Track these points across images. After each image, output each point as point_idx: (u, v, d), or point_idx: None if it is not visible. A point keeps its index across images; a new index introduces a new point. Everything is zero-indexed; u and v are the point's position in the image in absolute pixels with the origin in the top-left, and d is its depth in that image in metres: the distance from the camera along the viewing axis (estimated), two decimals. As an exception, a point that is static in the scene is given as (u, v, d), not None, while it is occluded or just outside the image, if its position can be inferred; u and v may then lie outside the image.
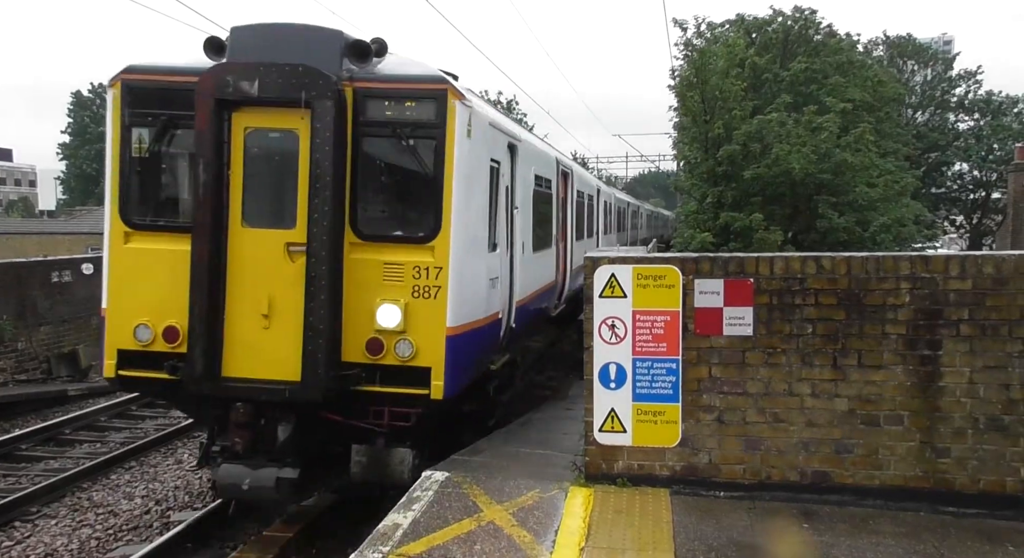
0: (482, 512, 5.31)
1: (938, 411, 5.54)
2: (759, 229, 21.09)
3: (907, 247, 23.06)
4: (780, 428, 5.70)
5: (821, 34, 29.02)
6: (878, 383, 5.59)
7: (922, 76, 41.06)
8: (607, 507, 5.47)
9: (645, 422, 5.86)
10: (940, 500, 5.52)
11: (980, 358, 5.49)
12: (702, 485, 5.78)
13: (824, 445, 5.66)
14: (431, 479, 5.94)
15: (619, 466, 5.90)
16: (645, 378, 5.86)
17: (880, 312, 5.58)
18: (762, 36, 29.53)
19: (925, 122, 39.71)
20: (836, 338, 5.63)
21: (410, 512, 5.28)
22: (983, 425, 5.50)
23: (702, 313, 5.77)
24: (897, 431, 5.59)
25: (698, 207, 23.95)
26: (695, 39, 26.06)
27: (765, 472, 5.73)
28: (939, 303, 5.52)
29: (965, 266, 5.52)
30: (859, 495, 5.60)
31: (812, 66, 26.52)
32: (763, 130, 22.07)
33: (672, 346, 5.82)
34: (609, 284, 5.87)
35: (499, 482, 5.90)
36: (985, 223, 39.73)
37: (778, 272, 5.70)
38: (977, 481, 5.52)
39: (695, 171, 24.83)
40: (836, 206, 22.18)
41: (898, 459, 5.59)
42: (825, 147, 21.74)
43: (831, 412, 5.64)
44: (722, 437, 5.77)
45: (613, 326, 5.88)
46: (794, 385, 5.68)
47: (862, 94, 26.15)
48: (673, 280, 5.81)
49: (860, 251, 9.86)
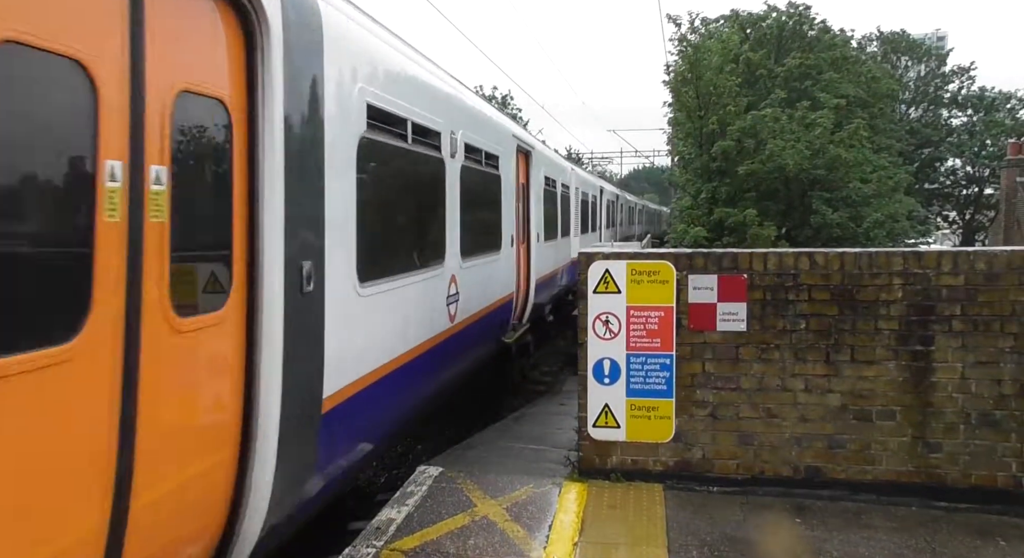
0: (476, 507, 5.32)
1: (930, 406, 5.57)
2: (753, 225, 21.14)
3: (900, 243, 23.17)
4: (773, 423, 5.72)
5: (815, 30, 29.07)
6: (871, 378, 5.61)
7: (916, 72, 41.18)
8: (601, 502, 5.48)
9: (639, 417, 5.87)
10: (932, 495, 5.54)
11: (972, 353, 5.52)
12: (696, 480, 5.79)
13: (817, 440, 5.68)
14: (425, 473, 5.94)
15: (613, 461, 5.91)
16: (639, 373, 5.87)
17: (873, 308, 5.59)
18: (756, 32, 29.56)
19: (919, 118, 39.85)
20: (829, 334, 5.64)
21: (404, 507, 5.28)
22: (975, 420, 5.53)
23: (696, 309, 5.78)
24: (889, 426, 5.61)
25: (692, 202, 24.01)
26: (690, 35, 26.05)
27: (758, 467, 5.75)
28: (931, 299, 5.55)
29: (957, 262, 5.54)
30: (852, 490, 5.62)
31: (806, 62, 26.58)
32: (757, 126, 22.11)
33: (666, 341, 5.83)
34: (603, 280, 5.87)
35: (493, 477, 5.90)
36: (978, 219, 39.94)
37: (771, 268, 5.71)
38: (969, 476, 5.55)
39: (689, 166, 24.89)
40: (830, 202, 22.27)
41: (890, 454, 5.61)
42: (819, 143, 21.82)
43: (824, 407, 5.66)
44: (715, 432, 5.78)
45: (607, 322, 5.88)
46: (787, 380, 5.70)
47: (856, 90, 26.23)
48: (667, 276, 5.81)
49: (854, 247, 9.85)
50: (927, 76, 40.60)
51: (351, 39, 4.92)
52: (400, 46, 6.16)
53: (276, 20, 3.79)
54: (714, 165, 22.87)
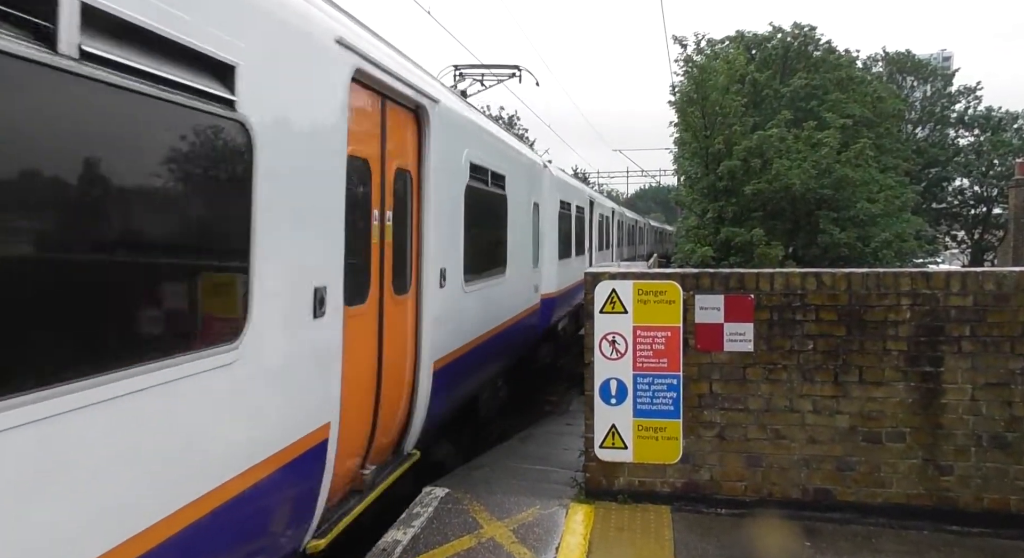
0: (482, 528, 5.28)
1: (940, 428, 5.52)
2: (760, 244, 21.12)
3: (908, 262, 23.07)
4: (781, 444, 5.67)
5: (820, 50, 29.18)
6: (879, 399, 5.58)
7: (922, 92, 41.23)
8: (608, 524, 5.43)
9: (646, 438, 5.83)
10: (944, 518, 5.48)
11: (982, 375, 5.47)
12: (703, 502, 5.74)
13: (826, 462, 5.63)
14: (431, 495, 5.91)
15: (620, 482, 5.87)
16: (646, 394, 5.84)
17: (881, 328, 5.57)
18: (761, 52, 29.70)
19: (925, 137, 39.83)
20: (837, 354, 5.61)
21: (410, 528, 5.25)
22: (986, 442, 5.47)
23: (703, 329, 5.77)
24: (899, 448, 5.56)
25: (699, 222, 24.01)
26: (695, 55, 26.18)
27: (767, 489, 5.69)
28: (940, 319, 5.52)
29: (966, 282, 5.52)
30: (862, 512, 5.56)
31: (812, 82, 26.67)
32: (763, 145, 22.15)
33: (673, 362, 5.81)
34: (610, 299, 5.87)
35: (499, 498, 5.87)
36: (987, 239, 39.75)
37: (778, 288, 5.70)
38: (981, 499, 5.48)
39: (695, 186, 24.90)
40: (837, 221, 22.22)
41: (901, 476, 5.56)
42: (825, 162, 21.81)
43: (832, 429, 5.62)
44: (723, 453, 5.74)
45: (614, 342, 5.87)
46: (795, 401, 5.66)
47: (862, 110, 26.26)
48: (674, 296, 5.80)
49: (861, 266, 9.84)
50: (933, 96, 40.64)
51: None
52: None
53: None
54: (720, 184, 22.89)
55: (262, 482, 3.50)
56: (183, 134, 2.95)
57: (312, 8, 4.11)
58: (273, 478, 3.62)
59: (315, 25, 4.09)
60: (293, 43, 3.84)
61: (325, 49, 4.18)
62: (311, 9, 4.10)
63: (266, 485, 3.54)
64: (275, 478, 3.64)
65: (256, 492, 3.45)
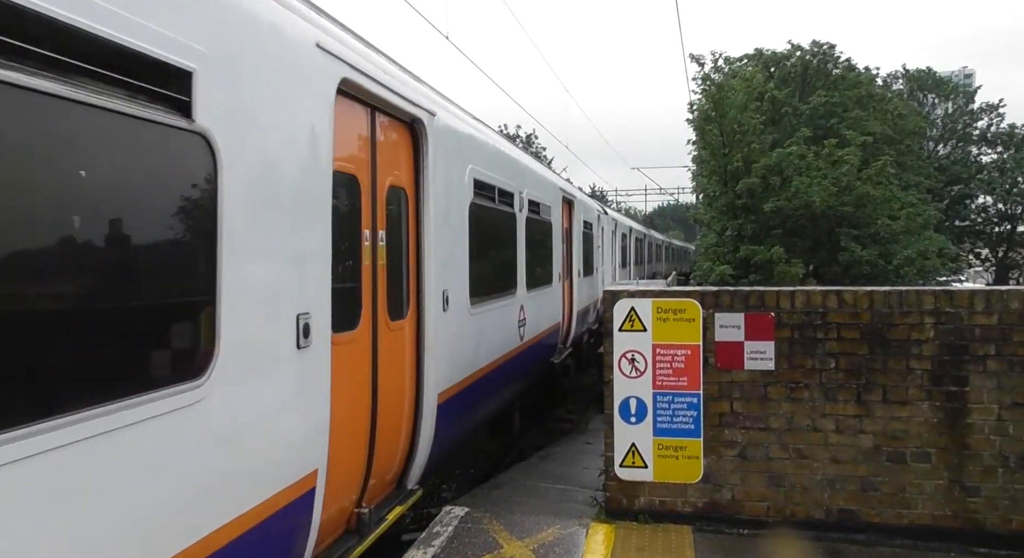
0: (502, 549, 5.26)
1: (966, 448, 5.44)
2: (780, 262, 20.99)
3: (931, 280, 22.80)
4: (804, 464, 5.61)
5: (840, 68, 29.12)
6: (904, 419, 5.51)
7: (943, 109, 40.96)
8: (628, 544, 5.40)
9: (667, 457, 5.80)
10: (971, 540, 5.38)
11: (1008, 394, 5.40)
12: (725, 522, 5.69)
13: (849, 482, 5.56)
14: (451, 514, 5.90)
15: (640, 502, 5.83)
16: (666, 412, 5.81)
17: (904, 347, 5.51)
18: (780, 70, 29.70)
19: (947, 155, 39.51)
20: (859, 373, 5.56)
21: (430, 548, 5.24)
22: (1013, 463, 5.38)
23: (723, 347, 5.74)
24: (924, 469, 5.48)
25: (717, 240, 23.92)
26: (713, 73, 26.23)
27: (789, 509, 5.63)
28: (964, 338, 5.45)
29: (991, 301, 5.46)
30: (887, 534, 5.48)
31: (831, 100, 26.59)
32: (782, 163, 22.08)
33: (693, 380, 5.78)
34: (629, 318, 5.86)
35: (519, 517, 5.85)
36: (1011, 256, 39.21)
37: (799, 306, 5.67)
38: (1009, 521, 5.38)
39: (714, 204, 24.83)
40: (858, 239, 22.05)
41: (926, 497, 5.47)
42: (846, 180, 21.68)
43: (856, 448, 5.56)
44: (745, 473, 5.69)
45: (633, 360, 5.86)
46: (817, 421, 5.61)
47: (882, 127, 26.13)
48: (693, 314, 5.79)
49: (883, 284, 9.74)
50: (955, 113, 40.36)
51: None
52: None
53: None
54: (739, 202, 22.83)
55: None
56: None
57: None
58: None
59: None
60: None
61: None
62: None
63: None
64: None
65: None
